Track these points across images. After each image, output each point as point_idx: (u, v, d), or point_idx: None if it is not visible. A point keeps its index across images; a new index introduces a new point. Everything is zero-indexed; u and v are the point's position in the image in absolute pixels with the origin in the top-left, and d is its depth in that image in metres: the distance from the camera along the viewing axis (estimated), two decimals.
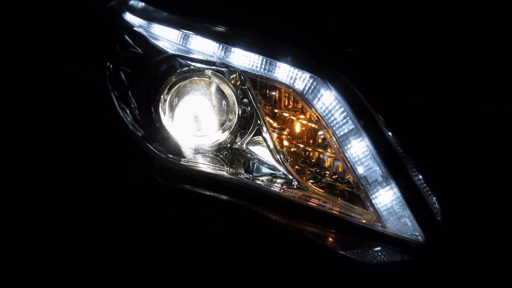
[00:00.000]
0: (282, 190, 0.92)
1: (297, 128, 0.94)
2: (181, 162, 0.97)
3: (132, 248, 1.05)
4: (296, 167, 0.94)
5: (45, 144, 1.29)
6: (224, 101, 0.95)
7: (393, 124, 0.85)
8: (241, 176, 0.95)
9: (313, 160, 0.94)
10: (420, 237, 0.85)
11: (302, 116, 0.92)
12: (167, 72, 0.95)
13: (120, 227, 1.07)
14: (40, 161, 1.29)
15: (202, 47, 0.94)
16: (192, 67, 0.94)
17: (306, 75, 0.87)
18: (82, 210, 1.18)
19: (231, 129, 0.95)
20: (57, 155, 1.27)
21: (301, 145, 0.94)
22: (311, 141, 0.93)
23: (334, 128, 0.86)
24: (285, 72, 0.88)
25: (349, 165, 0.87)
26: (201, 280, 0.97)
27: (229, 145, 0.97)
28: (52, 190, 1.25)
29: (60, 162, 1.25)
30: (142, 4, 1.07)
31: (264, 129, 0.93)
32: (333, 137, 0.87)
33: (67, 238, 1.20)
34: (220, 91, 0.95)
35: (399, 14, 0.95)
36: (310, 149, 0.94)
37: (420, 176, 0.84)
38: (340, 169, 0.91)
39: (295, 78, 0.88)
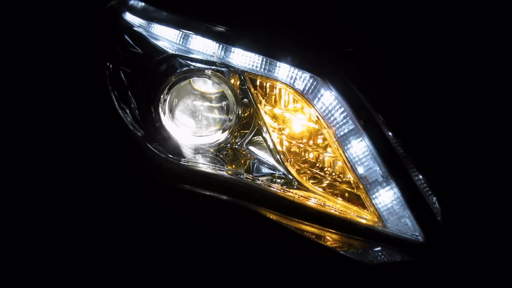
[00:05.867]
0: (282, 190, 0.92)
1: (297, 128, 0.94)
2: (181, 162, 0.97)
3: (132, 248, 1.05)
4: (296, 167, 0.94)
5: (45, 144, 1.29)
6: (224, 101, 0.95)
7: (393, 124, 0.85)
8: (241, 176, 0.95)
9: (313, 160, 0.94)
10: (420, 237, 0.85)
11: (302, 116, 0.92)
12: (167, 72, 0.95)
13: (120, 227, 1.07)
14: (40, 161, 1.29)
15: (202, 47, 0.94)
16: (192, 67, 0.94)
17: (306, 75, 0.87)
18: (82, 211, 1.17)
19: (231, 129, 0.95)
20: (57, 155, 1.26)
21: (301, 145, 0.94)
22: (311, 141, 0.93)
23: (334, 128, 0.87)
24: (285, 72, 0.88)
25: (349, 165, 0.87)
26: (201, 280, 0.97)
27: (229, 145, 0.97)
28: (52, 190, 1.25)
29: (60, 162, 1.25)
30: (142, 4, 1.07)
31: (264, 129, 0.93)
32: (333, 137, 0.87)
33: (66, 238, 1.20)
34: (220, 91, 0.95)
35: (398, 14, 0.95)
36: (310, 149, 0.94)
37: (420, 176, 0.84)
38: (340, 169, 0.91)
39: (295, 78, 0.88)
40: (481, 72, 0.88)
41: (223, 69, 0.93)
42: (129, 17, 1.06)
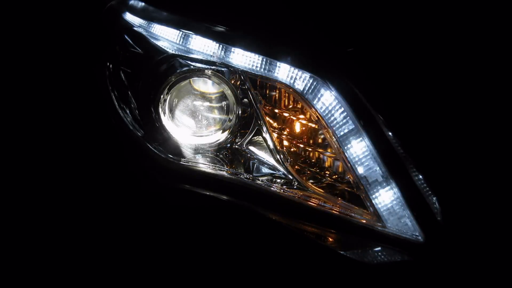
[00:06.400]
0: (282, 190, 0.92)
1: (297, 128, 0.94)
2: (181, 162, 0.97)
3: (132, 248, 1.05)
4: (296, 167, 0.94)
5: (45, 144, 1.30)
6: (224, 101, 0.95)
7: (393, 124, 0.85)
8: (241, 176, 0.95)
9: (313, 160, 0.94)
10: (420, 237, 0.85)
11: (302, 116, 0.92)
12: (167, 72, 0.95)
13: (120, 227, 1.07)
14: (40, 161, 1.29)
15: (202, 47, 0.94)
16: (192, 67, 0.94)
17: (306, 75, 0.87)
18: (82, 210, 1.18)
19: (231, 129, 0.95)
20: (57, 155, 1.27)
21: (301, 145, 0.94)
22: (311, 141, 0.93)
23: (334, 128, 0.86)
24: (285, 72, 0.88)
25: (349, 165, 0.87)
26: (201, 280, 0.97)
27: (229, 145, 0.97)
28: (52, 189, 1.25)
29: (60, 162, 1.25)
30: (142, 4, 1.07)
31: (264, 129, 0.93)
32: (333, 137, 0.87)
33: (66, 237, 1.20)
34: (220, 91, 0.95)
35: (398, 14, 0.95)
36: (310, 149, 0.94)
37: (420, 176, 0.84)
38: (340, 169, 0.91)
39: (295, 78, 0.88)
40: (480, 72, 0.88)
41: (223, 69, 0.93)
42: (129, 17, 1.07)
